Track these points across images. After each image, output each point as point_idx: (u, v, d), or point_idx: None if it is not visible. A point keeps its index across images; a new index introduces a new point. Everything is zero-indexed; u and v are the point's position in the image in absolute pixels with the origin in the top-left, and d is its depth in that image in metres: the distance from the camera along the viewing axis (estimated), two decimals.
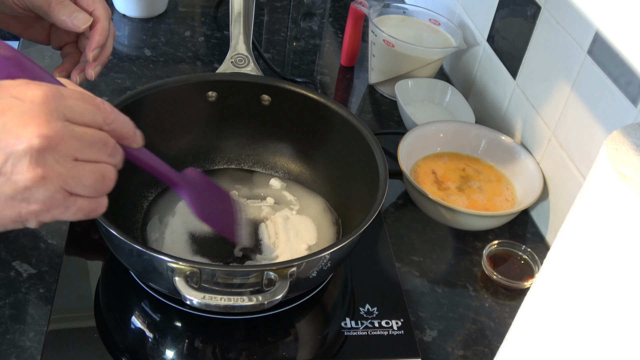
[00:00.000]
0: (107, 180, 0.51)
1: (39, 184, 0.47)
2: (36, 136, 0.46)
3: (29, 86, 0.48)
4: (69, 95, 0.49)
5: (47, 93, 0.48)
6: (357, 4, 1.11)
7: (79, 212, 0.50)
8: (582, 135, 0.80)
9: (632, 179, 0.39)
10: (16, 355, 0.65)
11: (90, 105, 0.51)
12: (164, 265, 0.60)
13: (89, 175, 0.49)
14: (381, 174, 0.73)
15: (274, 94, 0.84)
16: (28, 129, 0.46)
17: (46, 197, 0.47)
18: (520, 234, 0.89)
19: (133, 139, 0.55)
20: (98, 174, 0.50)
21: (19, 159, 0.46)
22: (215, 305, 0.58)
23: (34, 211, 0.48)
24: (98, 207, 0.52)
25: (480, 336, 0.75)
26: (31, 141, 0.46)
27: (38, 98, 0.47)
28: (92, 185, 0.50)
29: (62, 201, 0.48)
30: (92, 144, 0.50)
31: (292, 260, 0.62)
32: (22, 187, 0.46)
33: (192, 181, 0.67)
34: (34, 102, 0.47)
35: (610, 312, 0.42)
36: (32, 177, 0.46)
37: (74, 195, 0.49)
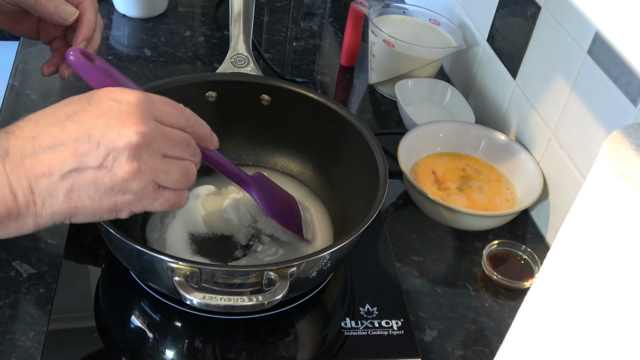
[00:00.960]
0: (190, 175, 0.56)
1: (134, 176, 0.52)
2: (135, 133, 0.51)
3: (124, 91, 0.54)
4: (157, 99, 0.56)
5: (140, 97, 0.54)
6: (357, 4, 1.11)
7: (165, 203, 0.55)
8: (582, 135, 0.80)
9: (632, 179, 0.39)
10: (16, 355, 0.65)
11: (174, 108, 0.57)
12: (164, 265, 0.60)
13: (175, 170, 0.55)
14: (381, 174, 0.73)
15: (273, 94, 0.84)
16: (128, 127, 0.51)
17: (140, 188, 0.53)
18: (520, 234, 0.89)
19: (210, 141, 0.61)
20: (183, 169, 0.55)
21: (120, 153, 0.51)
22: (215, 305, 0.58)
23: (128, 201, 0.53)
24: (182, 199, 0.57)
25: (480, 336, 0.75)
26: (130, 138, 0.51)
27: (134, 101, 0.53)
28: (178, 179, 0.55)
29: (152, 192, 0.54)
30: (177, 142, 0.55)
31: (292, 260, 0.62)
32: (120, 178, 0.51)
33: (260, 182, 0.74)
34: (131, 104, 0.52)
35: (610, 312, 0.42)
36: (129, 170, 0.51)
37: (162, 188, 0.55)
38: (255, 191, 0.72)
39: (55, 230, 0.78)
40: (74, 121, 0.51)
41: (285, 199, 0.78)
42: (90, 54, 0.59)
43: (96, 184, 0.51)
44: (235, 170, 0.69)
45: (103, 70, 0.59)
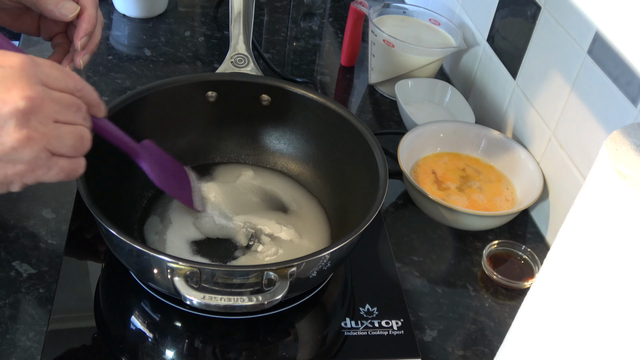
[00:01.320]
0: (84, 141, 0.54)
1: (24, 145, 0.49)
2: (21, 98, 0.48)
3: (6, 54, 0.50)
4: (42, 62, 0.52)
5: (24, 59, 0.50)
6: (357, 4, 1.11)
7: (60, 173, 0.52)
8: (582, 135, 0.80)
9: (632, 179, 0.39)
10: (16, 355, 0.65)
11: (62, 72, 0.53)
12: (164, 265, 0.60)
13: (68, 135, 0.52)
14: (381, 174, 0.73)
15: (273, 94, 0.84)
16: (12, 92, 0.48)
17: (31, 157, 0.49)
18: (520, 234, 0.89)
19: (99, 108, 0.58)
20: (77, 134, 0.53)
21: (6, 121, 0.48)
22: (215, 305, 0.58)
23: (20, 172, 0.50)
24: (78, 167, 0.54)
25: (480, 336, 0.75)
26: (17, 103, 0.48)
27: (17, 64, 0.50)
28: (73, 144, 0.52)
29: (45, 161, 0.51)
30: (68, 106, 0.52)
31: (292, 260, 0.62)
32: (9, 148, 0.48)
33: (150, 151, 0.70)
34: (14, 68, 0.49)
35: (610, 312, 0.42)
36: (18, 137, 0.48)
37: (56, 156, 0.52)
38: (145, 162, 0.68)
39: (56, 230, 0.78)
40: None
41: (175, 169, 0.76)
42: None
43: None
44: (125, 139, 0.66)
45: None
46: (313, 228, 0.81)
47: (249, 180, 0.85)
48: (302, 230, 0.79)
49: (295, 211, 0.82)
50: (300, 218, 0.81)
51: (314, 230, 0.80)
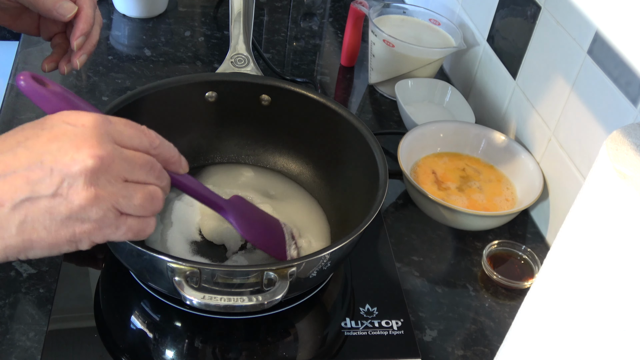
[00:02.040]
0: (155, 201, 0.53)
1: (92, 204, 0.49)
2: (90, 157, 0.48)
3: (79, 114, 0.51)
4: (116, 121, 0.52)
5: (97, 118, 0.50)
6: (357, 4, 1.11)
7: (128, 232, 0.52)
8: (582, 135, 0.80)
9: (632, 179, 0.39)
10: (16, 355, 0.65)
11: (136, 130, 0.53)
12: (164, 265, 0.60)
13: (138, 195, 0.51)
14: (381, 174, 0.73)
15: (273, 94, 0.84)
16: (82, 151, 0.48)
17: (99, 216, 0.49)
18: (520, 234, 0.89)
19: (179, 164, 0.58)
20: (147, 194, 0.52)
21: (75, 179, 0.48)
22: (215, 305, 0.58)
23: (87, 230, 0.50)
24: (147, 226, 0.53)
25: (480, 336, 0.75)
26: (85, 162, 0.48)
27: (89, 123, 0.50)
28: (141, 204, 0.52)
29: (113, 220, 0.50)
30: (140, 166, 0.52)
31: (291, 260, 0.62)
32: (77, 206, 0.48)
33: (238, 207, 0.69)
34: (86, 127, 0.49)
35: (610, 312, 0.42)
36: (86, 196, 0.48)
37: (124, 215, 0.51)
38: (232, 217, 0.68)
39: None
40: (26, 147, 0.48)
41: (266, 223, 0.74)
42: (42, 78, 0.55)
43: (51, 214, 0.48)
44: (210, 195, 0.65)
45: (57, 94, 0.55)
46: (313, 228, 0.80)
47: (249, 180, 0.85)
48: (302, 230, 0.79)
49: (294, 212, 0.82)
50: (299, 218, 0.81)
51: (313, 231, 0.80)
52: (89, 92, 1.02)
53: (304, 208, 0.83)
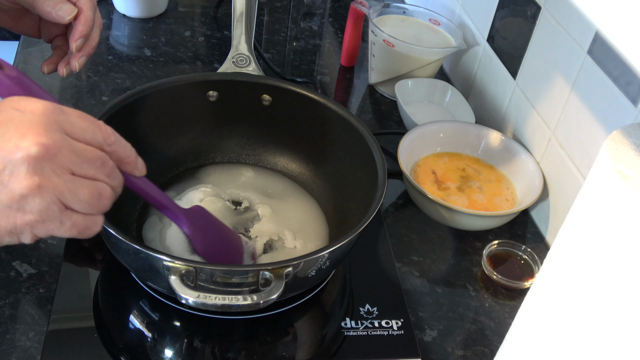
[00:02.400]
0: (103, 199, 0.51)
1: (35, 193, 0.47)
2: (34, 144, 0.46)
3: (30, 100, 0.49)
4: (69, 112, 0.50)
5: (47, 106, 0.49)
6: (357, 4, 1.11)
7: (73, 228, 0.50)
8: (582, 135, 0.80)
9: (632, 179, 0.39)
10: (16, 355, 0.65)
11: (90, 123, 0.51)
12: (160, 263, 0.60)
13: (84, 190, 0.49)
14: (380, 175, 0.73)
15: (274, 94, 0.84)
16: (27, 137, 0.46)
17: (42, 207, 0.47)
18: (520, 234, 0.89)
19: (134, 165, 0.55)
20: (94, 190, 0.50)
21: (17, 166, 0.46)
22: (211, 305, 0.58)
23: (29, 222, 0.48)
24: (93, 224, 0.51)
25: (480, 336, 0.75)
26: (29, 149, 0.46)
27: (38, 110, 0.48)
28: (88, 200, 0.50)
29: (57, 214, 0.48)
30: (90, 160, 0.50)
31: (288, 260, 0.62)
32: (18, 195, 0.47)
33: (196, 218, 0.67)
34: (34, 113, 0.48)
35: (610, 312, 0.42)
36: (29, 184, 0.46)
37: (70, 210, 0.49)
38: (187, 228, 0.65)
39: None
40: None
41: (225, 239, 0.72)
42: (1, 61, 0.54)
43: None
44: (167, 202, 0.62)
45: (12, 78, 0.54)
46: (311, 229, 0.80)
47: (249, 180, 0.85)
48: (300, 231, 0.79)
49: (293, 212, 0.82)
50: (298, 219, 0.81)
51: (312, 231, 0.80)
52: (88, 92, 1.02)
53: (303, 208, 0.83)
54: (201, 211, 0.69)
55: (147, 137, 0.81)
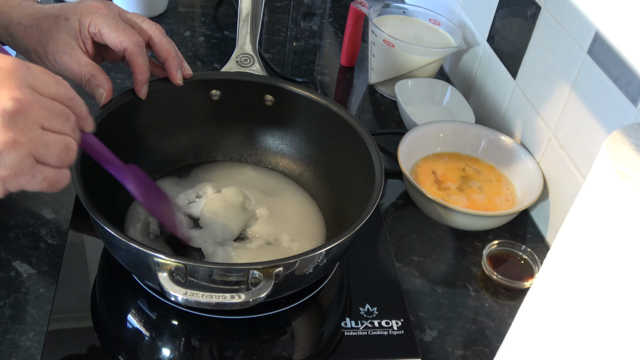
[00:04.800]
0: (70, 152, 0.53)
1: (9, 147, 0.48)
2: (9, 99, 0.47)
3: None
4: (34, 67, 0.51)
5: (15, 62, 0.50)
6: (357, 4, 1.11)
7: (44, 182, 0.51)
8: (582, 135, 0.80)
9: (632, 179, 0.39)
10: (16, 355, 0.65)
11: (53, 79, 0.53)
12: (151, 260, 0.60)
13: (55, 144, 0.51)
14: (377, 177, 0.73)
15: (277, 95, 0.84)
16: (1, 92, 0.47)
17: (16, 161, 0.48)
18: (520, 234, 0.89)
19: (86, 121, 0.57)
20: (63, 144, 0.52)
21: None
22: (200, 302, 0.58)
23: (3, 177, 0.49)
24: (62, 178, 0.53)
25: (480, 336, 0.75)
26: (4, 104, 0.47)
27: (7, 66, 0.49)
28: (58, 154, 0.51)
29: (29, 168, 0.50)
30: (57, 114, 0.51)
31: (277, 260, 0.62)
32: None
33: (137, 174, 0.69)
34: (4, 69, 0.49)
35: (610, 312, 0.42)
36: (4, 140, 0.47)
37: (41, 164, 0.50)
38: (131, 182, 0.67)
39: (55, 230, 0.78)
40: None
41: (160, 196, 0.75)
42: None
43: None
44: (111, 158, 0.64)
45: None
46: (309, 230, 0.80)
47: (250, 179, 0.85)
48: (298, 231, 0.79)
49: (292, 213, 0.82)
50: (296, 220, 0.81)
51: (309, 232, 0.80)
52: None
53: (302, 209, 0.83)
54: (139, 169, 0.70)
55: (148, 134, 0.81)
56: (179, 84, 0.77)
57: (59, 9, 0.72)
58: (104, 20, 0.71)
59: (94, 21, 0.70)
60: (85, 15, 0.71)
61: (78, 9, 0.71)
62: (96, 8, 0.71)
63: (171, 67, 0.76)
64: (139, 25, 0.74)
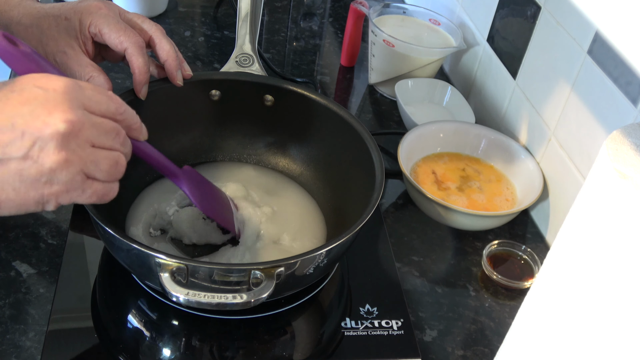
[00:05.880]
0: (119, 167, 0.55)
1: (62, 167, 0.50)
2: (62, 121, 0.49)
3: (50, 77, 0.52)
4: (85, 86, 0.54)
5: (67, 83, 0.52)
6: (357, 4, 1.11)
7: (93, 195, 0.54)
8: (582, 135, 0.80)
9: (632, 179, 0.39)
10: (16, 355, 0.65)
11: (104, 96, 0.55)
12: (153, 260, 0.60)
13: (104, 160, 0.53)
14: (377, 177, 0.73)
15: (277, 95, 0.84)
16: (54, 115, 0.49)
17: (68, 179, 0.51)
18: (520, 234, 0.89)
19: (140, 131, 0.60)
20: (112, 160, 0.54)
21: (46, 142, 0.49)
22: (202, 302, 0.58)
23: (55, 192, 0.51)
24: (110, 191, 0.55)
25: (480, 336, 0.75)
26: (57, 126, 0.49)
27: (60, 88, 0.51)
28: (107, 170, 0.53)
29: (80, 183, 0.52)
30: (107, 132, 0.54)
31: (279, 260, 0.62)
32: (47, 169, 0.50)
33: (191, 176, 0.71)
34: (57, 91, 0.51)
35: (610, 312, 0.42)
36: (57, 159, 0.50)
37: (91, 179, 0.53)
38: (186, 185, 0.69)
39: (55, 230, 0.78)
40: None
41: (216, 195, 0.76)
42: (14, 38, 0.57)
43: (21, 175, 0.49)
44: (166, 162, 0.67)
45: (26, 55, 0.57)
46: (309, 230, 0.80)
47: (250, 179, 0.85)
48: (299, 231, 0.79)
49: (292, 213, 0.82)
50: (297, 220, 0.81)
51: (310, 232, 0.80)
52: None
53: (303, 209, 0.83)
54: (193, 171, 0.72)
55: (149, 134, 0.81)
56: (179, 84, 0.77)
57: (59, 9, 0.72)
58: (105, 20, 0.71)
59: (94, 21, 0.71)
60: (86, 15, 0.71)
61: (78, 8, 0.72)
62: (96, 8, 0.71)
63: (171, 68, 0.76)
64: (140, 25, 0.74)
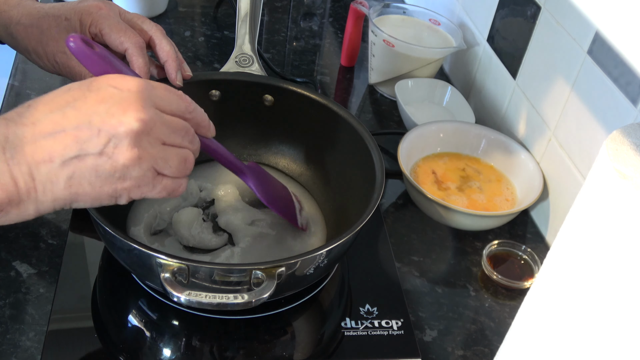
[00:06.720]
0: (188, 163, 0.57)
1: (135, 163, 0.53)
2: (135, 120, 0.52)
3: (124, 78, 0.54)
4: (157, 86, 0.56)
5: (140, 83, 0.54)
6: (357, 4, 1.11)
7: (163, 191, 0.56)
8: (582, 135, 0.80)
9: (632, 179, 0.39)
10: (16, 355, 0.65)
11: (175, 95, 0.57)
12: (154, 261, 0.60)
13: (174, 157, 0.56)
14: (377, 177, 0.73)
15: (276, 95, 0.84)
16: (128, 114, 0.52)
17: (139, 175, 0.53)
18: (520, 234, 0.89)
19: (208, 129, 0.62)
20: (181, 157, 0.56)
21: (120, 140, 0.51)
22: (202, 303, 0.58)
23: (128, 187, 0.54)
24: (179, 186, 0.57)
25: (480, 336, 0.75)
26: (131, 125, 0.52)
27: (134, 87, 0.53)
28: (177, 166, 0.56)
29: (151, 179, 0.55)
30: (177, 130, 0.56)
31: (280, 260, 0.62)
32: (121, 165, 0.52)
33: (256, 171, 0.74)
34: (131, 91, 0.53)
35: (610, 312, 0.42)
36: (130, 156, 0.52)
37: (161, 175, 0.55)
38: (251, 180, 0.72)
39: (55, 230, 0.78)
40: (74, 107, 0.52)
41: (280, 189, 0.79)
42: (90, 41, 0.60)
43: (97, 171, 0.52)
44: (232, 158, 0.69)
45: (102, 56, 0.60)
46: (310, 229, 0.80)
47: None
48: (299, 231, 0.79)
49: None
50: None
51: (310, 232, 0.80)
52: None
53: (304, 209, 0.83)
54: (257, 166, 0.75)
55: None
56: (178, 85, 0.77)
57: (59, 9, 0.72)
58: (105, 20, 0.71)
59: (94, 21, 0.71)
60: (86, 16, 0.71)
61: (78, 9, 0.72)
62: (97, 8, 0.71)
63: (171, 69, 0.76)
64: (140, 25, 0.75)
